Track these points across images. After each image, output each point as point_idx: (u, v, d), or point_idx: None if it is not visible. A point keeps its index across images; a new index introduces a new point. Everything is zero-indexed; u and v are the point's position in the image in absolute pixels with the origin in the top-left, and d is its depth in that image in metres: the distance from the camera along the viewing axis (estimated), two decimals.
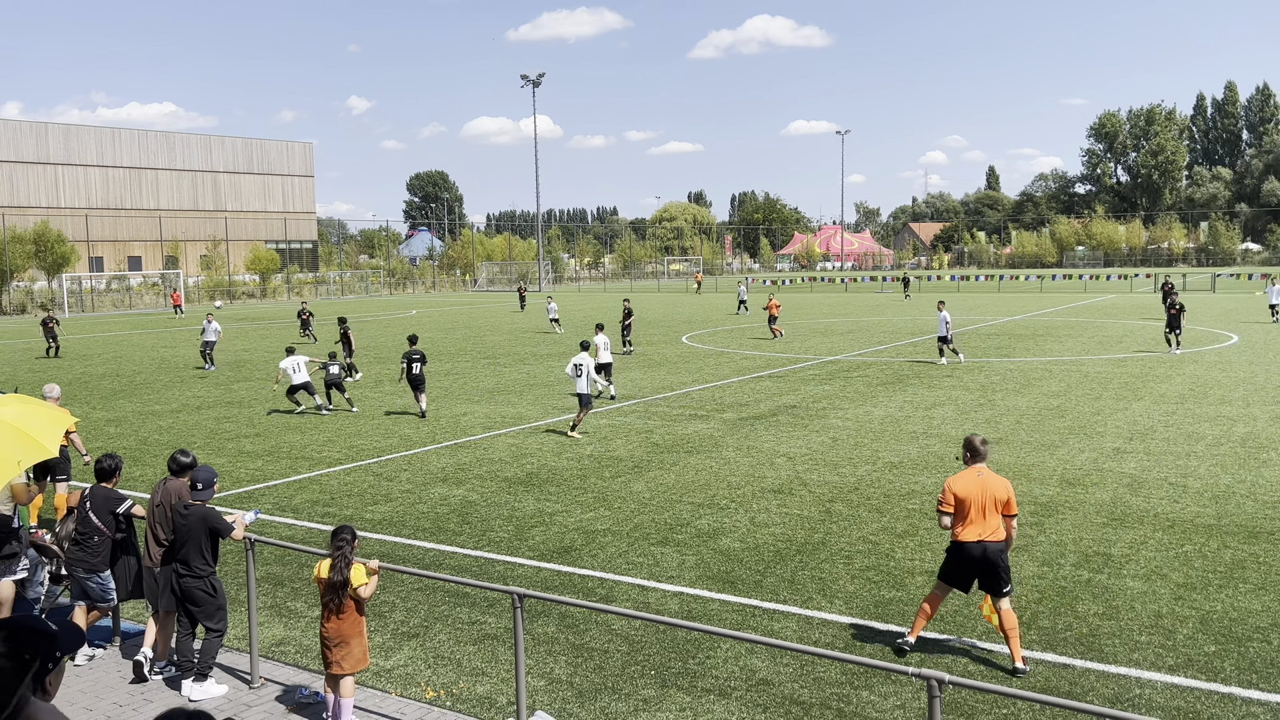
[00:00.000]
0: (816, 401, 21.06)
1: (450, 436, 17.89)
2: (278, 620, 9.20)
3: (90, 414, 21.18)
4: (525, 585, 9.87)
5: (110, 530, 8.20)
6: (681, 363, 28.79)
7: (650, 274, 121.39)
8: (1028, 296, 62.57)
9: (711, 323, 44.70)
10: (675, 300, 66.31)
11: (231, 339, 40.00)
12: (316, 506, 13.15)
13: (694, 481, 14.07)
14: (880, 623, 8.72)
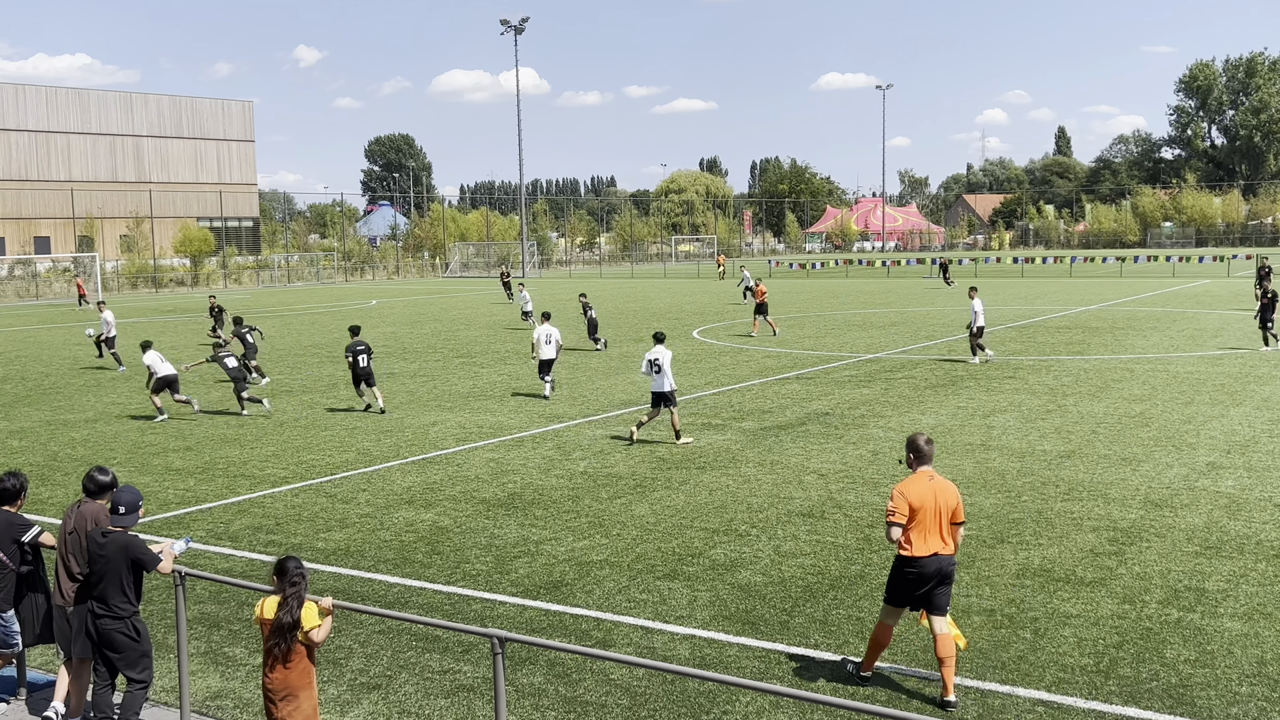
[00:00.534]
0: (853, 408, 21.08)
1: (417, 450, 17.92)
2: (213, 669, 9.22)
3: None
4: (507, 627, 9.88)
5: (14, 563, 8.22)
6: (692, 362, 28.83)
7: (655, 256, 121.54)
8: (1105, 282, 62.62)
9: (727, 314, 44.76)
10: (684, 287, 66.41)
11: (157, 334, 40.06)
12: (259, 534, 13.18)
13: (707, 503, 14.08)
14: (932, 670, 8.73)
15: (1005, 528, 12.70)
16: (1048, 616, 9.90)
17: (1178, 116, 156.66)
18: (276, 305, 55.05)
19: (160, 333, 40.92)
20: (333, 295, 66.35)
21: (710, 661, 9.06)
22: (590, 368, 27.92)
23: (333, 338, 37.65)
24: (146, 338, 25.41)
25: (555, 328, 24.08)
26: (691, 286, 67.35)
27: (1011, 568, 11.28)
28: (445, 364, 29.46)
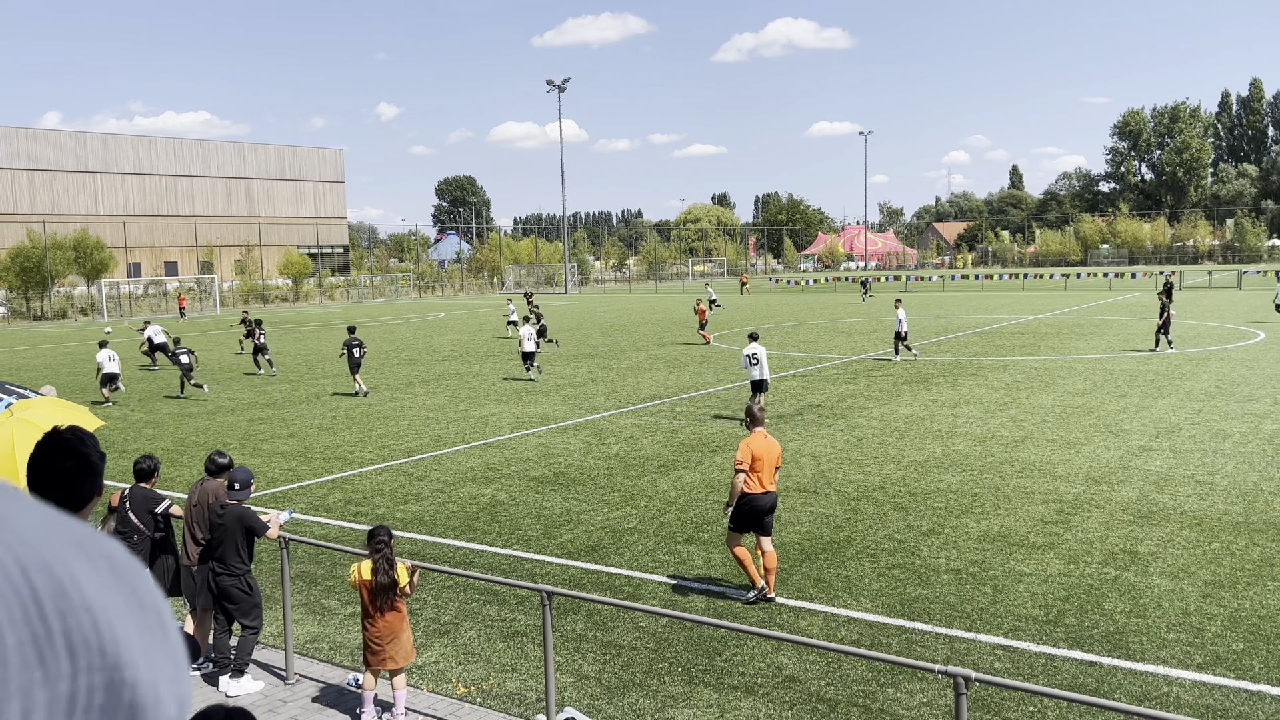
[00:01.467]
0: (841, 401, 20.96)
1: (479, 437, 17.96)
2: (311, 618, 9.27)
3: (129, 416, 21.44)
4: (554, 583, 9.89)
5: (149, 530, 8.30)
6: (706, 363, 28.75)
7: (675, 275, 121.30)
8: (1052, 295, 61.97)
9: (735, 323, 44.60)
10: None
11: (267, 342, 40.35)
12: (349, 506, 13.25)
13: (719, 480, 14.03)
14: (906, 620, 8.66)
15: (969, 500, 12.59)
16: (1005, 575, 9.81)
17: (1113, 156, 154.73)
18: (363, 318, 55.33)
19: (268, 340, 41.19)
20: (409, 309, 66.61)
21: (722, 612, 9.03)
22: (622, 368, 27.90)
23: (409, 344, 37.79)
24: (102, 338, 27.66)
25: (533, 329, 26.34)
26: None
27: (974, 534, 11.18)
28: (501, 365, 29.50)
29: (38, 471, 3.33)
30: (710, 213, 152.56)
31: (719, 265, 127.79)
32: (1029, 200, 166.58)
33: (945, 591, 9.37)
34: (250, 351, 30.93)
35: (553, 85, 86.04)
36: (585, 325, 45.53)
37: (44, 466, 3.33)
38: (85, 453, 3.35)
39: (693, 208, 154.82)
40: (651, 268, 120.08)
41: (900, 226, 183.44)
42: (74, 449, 3.33)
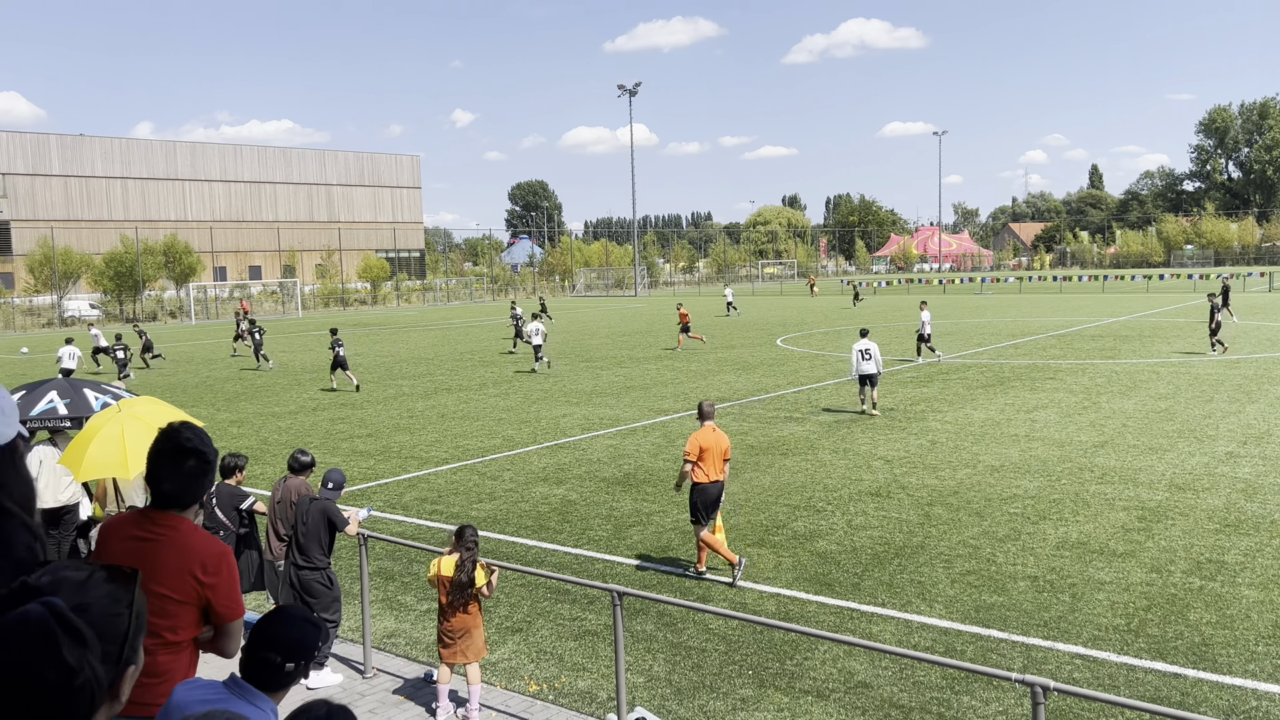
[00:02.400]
0: (914, 404, 20.64)
1: (551, 438, 18.11)
2: (389, 613, 9.45)
3: (215, 415, 22.11)
4: (624, 583, 9.92)
5: (234, 525, 8.55)
6: (776, 365, 28.56)
7: (744, 277, 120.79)
8: (1133, 297, 60.14)
9: (806, 325, 44.23)
10: (770, 303, 65.85)
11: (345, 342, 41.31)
12: (425, 504, 13.47)
13: (790, 484, 13.94)
14: (982, 628, 8.49)
15: (1047, 507, 12.29)
16: (1084, 583, 9.55)
17: (1198, 154, 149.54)
18: (438, 320, 56.23)
19: (347, 342, 42.17)
20: (483, 312, 67.49)
21: (793, 615, 8.96)
22: (690, 370, 27.86)
23: (482, 346, 38.28)
24: (69, 336, 29.82)
25: (542, 325, 29.16)
26: (776, 302, 66.73)
27: (1052, 540, 10.91)
28: (572, 367, 29.71)
29: (159, 468, 3.48)
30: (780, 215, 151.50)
31: (789, 267, 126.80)
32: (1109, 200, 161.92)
33: (1022, 599, 9.16)
34: (250, 350, 33.14)
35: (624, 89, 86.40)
36: (654, 327, 45.59)
37: (166, 463, 3.48)
38: (204, 451, 3.51)
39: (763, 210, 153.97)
40: (721, 270, 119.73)
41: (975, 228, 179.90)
42: (195, 449, 3.49)
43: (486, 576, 7.21)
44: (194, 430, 3.55)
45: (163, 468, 3.50)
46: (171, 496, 3.53)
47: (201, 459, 3.53)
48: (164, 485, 3.52)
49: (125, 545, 3.56)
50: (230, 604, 3.59)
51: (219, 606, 3.55)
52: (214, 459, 3.54)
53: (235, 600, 3.60)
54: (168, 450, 3.51)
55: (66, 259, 65.97)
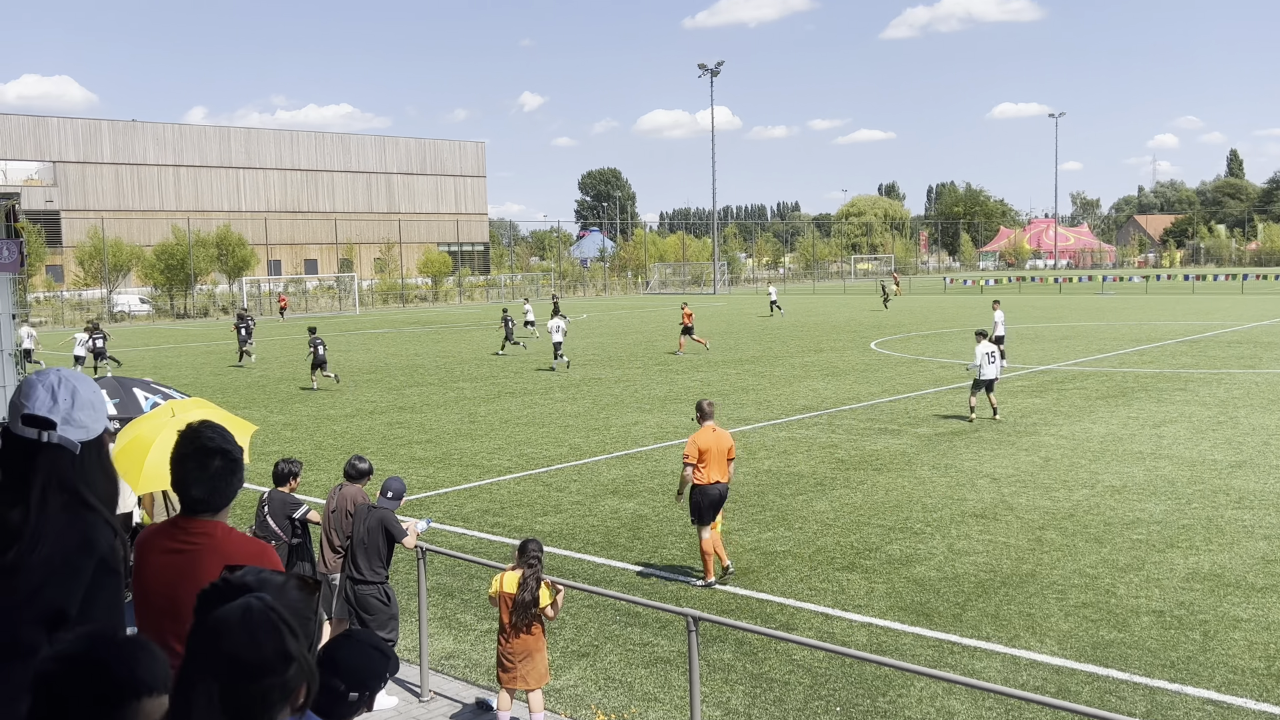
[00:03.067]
0: (1025, 416, 20.22)
1: (621, 446, 18.19)
2: (447, 633, 9.60)
3: (268, 418, 22.72)
4: (700, 607, 9.91)
5: (286, 535, 8.77)
6: (869, 371, 28.25)
7: (835, 274, 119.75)
8: (1277, 299, 57.95)
9: (904, 327, 43.66)
10: (863, 303, 65.17)
11: (403, 343, 42.09)
12: (487, 516, 13.65)
13: (884, 502, 13.78)
14: (1099, 667, 8.28)
15: (1175, 533, 11.92)
16: (1217, 619, 9.23)
17: None
18: None
19: (406, 341, 42.92)
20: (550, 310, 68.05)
21: (886, 648, 8.86)
22: (774, 375, 27.72)
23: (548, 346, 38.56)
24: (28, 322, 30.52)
25: (563, 320, 31.38)
26: (870, 302, 65.98)
27: (1181, 571, 10.58)
28: (645, 371, 29.80)
29: (185, 472, 3.55)
30: (876, 205, 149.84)
31: (885, 263, 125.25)
32: (1250, 190, 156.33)
33: (1146, 636, 8.90)
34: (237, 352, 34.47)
35: (705, 69, 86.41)
36: (734, 328, 45.48)
37: (192, 466, 3.55)
38: (229, 450, 3.56)
39: (856, 200, 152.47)
40: (809, 266, 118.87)
41: (1096, 220, 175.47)
42: (220, 448, 3.54)
43: (551, 596, 7.27)
44: (216, 428, 3.61)
45: (189, 471, 3.53)
46: (201, 501, 3.56)
47: (227, 457, 3.57)
48: (192, 490, 3.58)
49: (161, 559, 3.61)
50: None
51: None
52: (240, 457, 3.60)
53: None
54: (191, 452, 3.54)
55: (117, 251, 68.51)
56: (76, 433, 2.17)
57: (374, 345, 41.21)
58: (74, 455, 2.15)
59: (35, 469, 2.13)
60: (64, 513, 2.10)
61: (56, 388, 2.20)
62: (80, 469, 2.15)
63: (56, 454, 2.14)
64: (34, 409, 2.18)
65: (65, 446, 2.14)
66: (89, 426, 2.20)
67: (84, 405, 2.21)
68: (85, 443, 2.19)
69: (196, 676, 2.02)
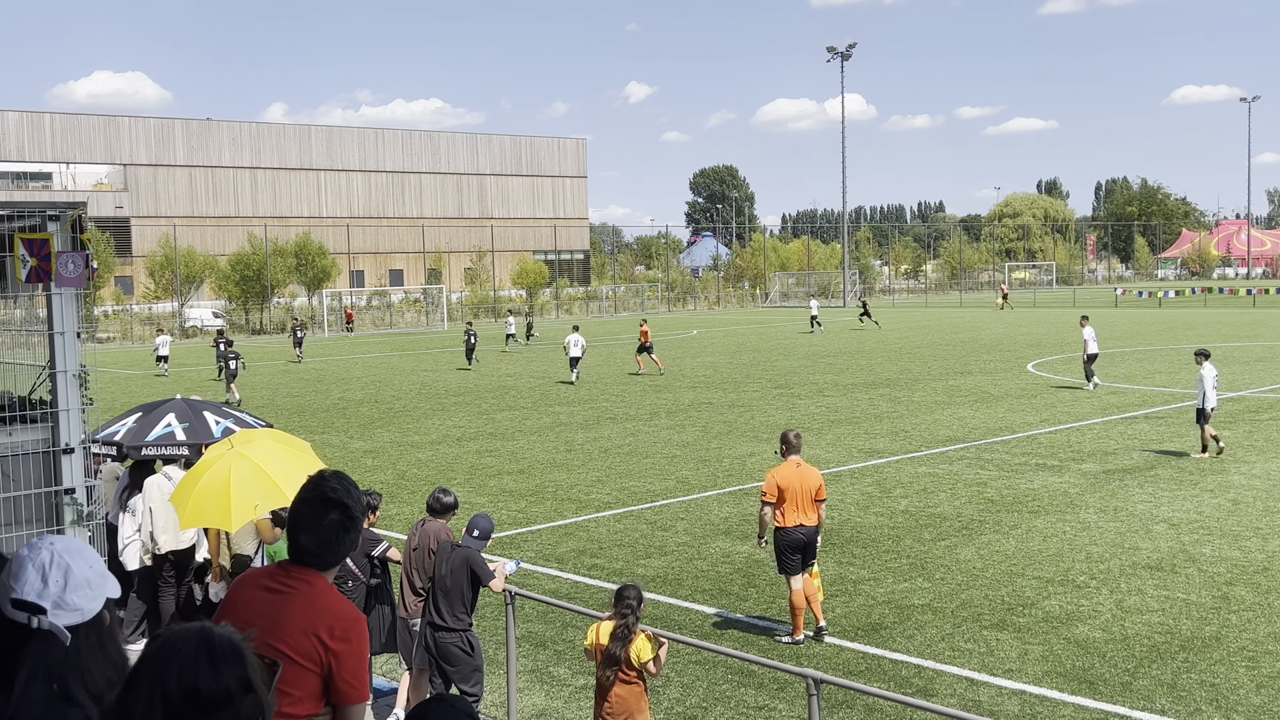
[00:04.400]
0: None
1: (734, 481, 18.14)
2: (539, 687, 9.70)
3: (348, 444, 23.36)
4: (823, 667, 9.81)
5: (364, 575, 8.99)
6: (1026, 397, 27.60)
7: (986, 284, 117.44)
8: None
9: (1066, 346, 42.55)
10: (1018, 317, 63.77)
11: (494, 362, 42.79)
12: (583, 557, 13.76)
13: (1041, 550, 13.44)
14: None
15: None
16: None
17: None
18: (603, 335, 57.41)
19: (498, 360, 43.64)
20: (656, 326, 68.42)
21: (1041, 719, 8.62)
22: (913, 401, 27.31)
23: (654, 367, 38.78)
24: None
25: (582, 337, 34.26)
26: (1027, 316, 64.51)
27: None
28: (763, 394, 29.68)
29: (299, 517, 3.77)
30: (1034, 204, 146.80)
31: (1045, 271, 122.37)
32: None
33: None
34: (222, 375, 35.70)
35: (834, 53, 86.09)
36: (867, 347, 44.97)
37: (307, 516, 3.78)
38: (350, 505, 3.77)
39: (1011, 198, 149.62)
40: (955, 274, 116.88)
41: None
42: (340, 501, 3.76)
43: (654, 650, 7.29)
44: (341, 480, 3.83)
45: (302, 518, 3.81)
46: (309, 553, 3.81)
47: (346, 514, 3.79)
48: (301, 538, 3.82)
49: (253, 595, 3.85)
50: (355, 681, 3.77)
51: (340, 680, 3.72)
52: (360, 516, 3.81)
53: (360, 679, 3.79)
54: (309, 499, 3.80)
55: (189, 261, 71.38)
56: (69, 617, 2.26)
57: (463, 364, 42.00)
58: (64, 644, 2.25)
59: (23, 656, 2.23)
60: (44, 707, 2.19)
61: (47, 567, 2.29)
62: (73, 657, 2.25)
63: (47, 641, 2.24)
64: (22, 593, 2.27)
65: (56, 635, 2.24)
66: (83, 609, 2.29)
67: (78, 586, 2.29)
68: (81, 625, 2.29)
69: (139, 703, 2.06)
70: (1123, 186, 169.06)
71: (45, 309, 6.47)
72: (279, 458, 8.68)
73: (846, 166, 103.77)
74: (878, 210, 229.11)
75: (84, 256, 6.29)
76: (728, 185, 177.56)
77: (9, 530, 6.22)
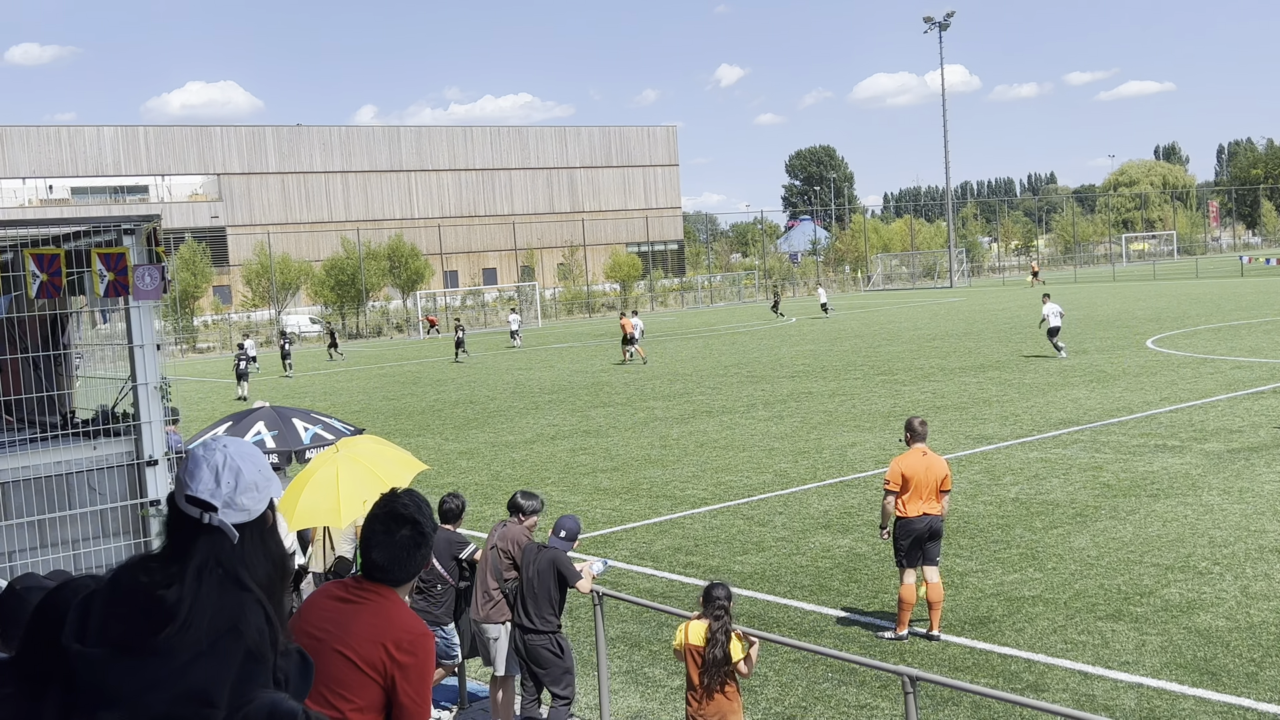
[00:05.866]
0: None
1: (835, 473, 17.98)
2: (633, 689, 9.73)
3: (443, 445, 23.72)
4: (926, 663, 9.68)
5: (453, 578, 9.12)
6: (1145, 375, 26.85)
7: (1102, 257, 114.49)
8: None
9: (1189, 320, 41.28)
10: (1137, 290, 62.04)
11: (589, 358, 43.07)
12: (679, 554, 13.77)
13: (1161, 536, 13.08)
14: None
15: None
16: None
17: None
18: (699, 326, 57.37)
19: (592, 356, 43.90)
20: (752, 314, 68.14)
21: (1161, 715, 8.40)
22: (1024, 384, 26.75)
23: (751, 356, 38.63)
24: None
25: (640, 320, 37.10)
26: (1146, 289, 62.74)
27: None
28: (865, 382, 29.35)
29: (371, 533, 3.93)
30: (1153, 171, 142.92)
31: (1165, 242, 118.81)
32: None
33: None
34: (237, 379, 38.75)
35: (932, 23, 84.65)
36: (975, 328, 44.17)
37: (379, 533, 3.94)
38: (420, 522, 3.91)
39: (1127, 166, 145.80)
40: (1069, 249, 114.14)
41: None
42: (411, 517, 3.90)
43: (744, 650, 7.26)
44: (413, 497, 4.00)
45: (374, 534, 3.94)
46: (380, 569, 3.93)
47: (417, 529, 3.92)
48: (373, 554, 3.95)
49: (325, 604, 4.00)
50: (418, 697, 3.81)
51: (403, 694, 3.77)
52: (430, 532, 3.92)
53: (424, 696, 3.84)
54: (381, 514, 3.94)
55: (284, 268, 73.21)
56: (238, 516, 2.49)
57: (557, 361, 42.35)
58: (232, 540, 2.46)
59: (194, 549, 2.41)
60: (218, 591, 2.38)
61: (220, 469, 2.50)
62: (239, 552, 2.45)
63: (217, 537, 2.43)
64: (196, 491, 2.47)
65: (225, 532, 2.44)
66: (250, 509, 2.52)
67: (247, 488, 2.52)
68: (247, 524, 2.50)
69: None
70: (1247, 148, 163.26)
71: (124, 323, 6.69)
72: (385, 459, 9.20)
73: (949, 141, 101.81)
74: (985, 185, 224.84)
75: (160, 269, 6.48)
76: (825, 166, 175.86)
77: (97, 543, 6.45)
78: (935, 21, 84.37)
